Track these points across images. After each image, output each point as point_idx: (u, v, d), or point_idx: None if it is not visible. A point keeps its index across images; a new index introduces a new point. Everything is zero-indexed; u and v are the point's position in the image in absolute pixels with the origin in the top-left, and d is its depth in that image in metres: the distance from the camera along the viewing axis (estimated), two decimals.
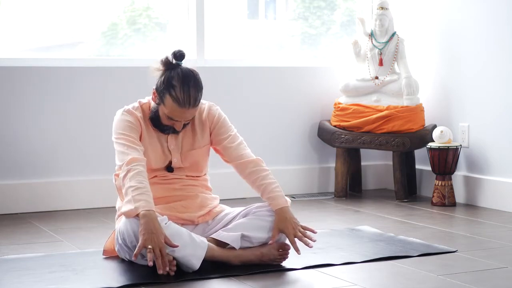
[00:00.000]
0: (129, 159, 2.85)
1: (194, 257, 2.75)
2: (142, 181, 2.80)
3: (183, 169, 3.04)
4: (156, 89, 2.93)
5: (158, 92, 2.91)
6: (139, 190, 2.77)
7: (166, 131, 2.98)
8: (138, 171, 2.82)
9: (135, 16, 4.56)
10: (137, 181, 2.79)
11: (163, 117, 2.93)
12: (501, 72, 4.20)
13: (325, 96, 4.82)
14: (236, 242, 2.84)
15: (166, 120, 2.93)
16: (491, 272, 2.81)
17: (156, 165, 2.99)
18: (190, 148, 3.03)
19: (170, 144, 3.01)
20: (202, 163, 3.08)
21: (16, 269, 2.84)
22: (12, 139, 4.11)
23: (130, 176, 2.80)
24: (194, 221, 2.97)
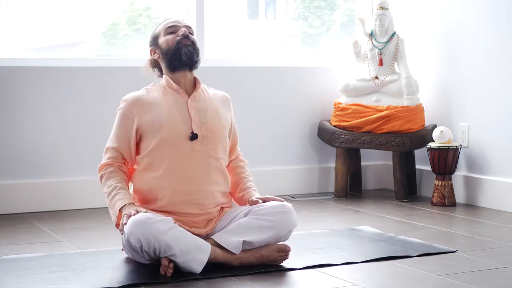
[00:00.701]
0: (99, 167, 3.00)
1: (196, 261, 2.74)
2: (111, 184, 2.92)
3: (206, 140, 2.95)
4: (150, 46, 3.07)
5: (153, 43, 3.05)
6: (110, 195, 2.91)
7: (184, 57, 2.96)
8: (106, 176, 2.95)
9: (135, 16, 4.56)
10: (107, 185, 2.94)
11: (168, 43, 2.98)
12: (501, 72, 4.20)
13: (325, 96, 4.82)
14: (237, 248, 2.83)
15: (172, 41, 2.98)
16: (491, 272, 2.81)
17: (178, 133, 2.92)
18: (214, 115, 3.00)
19: (190, 109, 2.96)
20: (224, 141, 3.02)
21: (16, 269, 2.84)
22: (12, 139, 4.11)
23: (103, 184, 2.97)
24: (201, 236, 2.93)
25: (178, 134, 2.93)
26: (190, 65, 2.99)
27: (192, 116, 2.95)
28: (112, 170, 2.96)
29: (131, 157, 2.99)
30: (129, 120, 2.96)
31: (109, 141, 3.02)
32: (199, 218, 2.94)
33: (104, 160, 3.00)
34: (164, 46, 3.00)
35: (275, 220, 2.90)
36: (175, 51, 2.97)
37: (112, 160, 2.98)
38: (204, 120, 2.97)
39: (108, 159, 2.99)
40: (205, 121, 2.97)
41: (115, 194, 2.89)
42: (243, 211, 2.97)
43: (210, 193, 2.97)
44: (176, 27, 3.02)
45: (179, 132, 2.93)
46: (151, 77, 3.21)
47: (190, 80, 3.03)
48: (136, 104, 2.97)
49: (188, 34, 3.00)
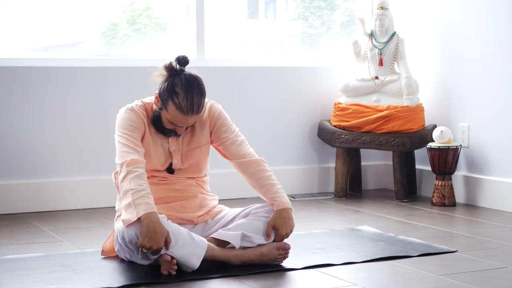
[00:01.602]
0: (129, 160, 2.83)
1: (194, 256, 2.75)
2: (142, 184, 2.79)
3: (183, 171, 3.03)
4: (159, 94, 2.91)
5: (161, 98, 2.90)
6: (139, 193, 2.76)
7: (168, 134, 2.98)
8: (138, 174, 2.81)
9: (135, 16, 4.56)
10: (137, 183, 2.78)
11: (166, 122, 2.93)
12: (501, 72, 4.20)
13: (325, 96, 4.82)
14: (236, 240, 2.83)
15: (168, 125, 2.93)
16: (491, 272, 2.81)
17: (157, 166, 2.99)
18: (191, 148, 3.03)
19: (171, 146, 3.00)
20: (202, 163, 3.08)
21: (16, 269, 2.84)
22: (12, 139, 4.11)
23: (130, 178, 2.79)
24: (193, 221, 2.97)
25: (158, 166, 2.99)
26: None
27: (172, 152, 3.00)
28: (143, 172, 2.84)
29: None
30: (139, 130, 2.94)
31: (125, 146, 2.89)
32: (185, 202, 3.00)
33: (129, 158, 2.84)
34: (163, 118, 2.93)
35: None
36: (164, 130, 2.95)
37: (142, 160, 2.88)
38: (184, 152, 3.02)
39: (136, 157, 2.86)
40: (184, 153, 3.02)
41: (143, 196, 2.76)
42: (241, 213, 2.98)
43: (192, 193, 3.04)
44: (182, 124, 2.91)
45: (160, 165, 2.99)
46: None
47: None
48: (142, 121, 2.96)
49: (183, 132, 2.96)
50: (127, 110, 2.97)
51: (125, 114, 2.96)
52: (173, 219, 2.89)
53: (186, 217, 2.96)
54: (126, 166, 2.82)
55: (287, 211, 2.93)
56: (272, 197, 2.95)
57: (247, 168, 3.02)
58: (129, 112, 2.95)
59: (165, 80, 2.91)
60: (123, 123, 2.94)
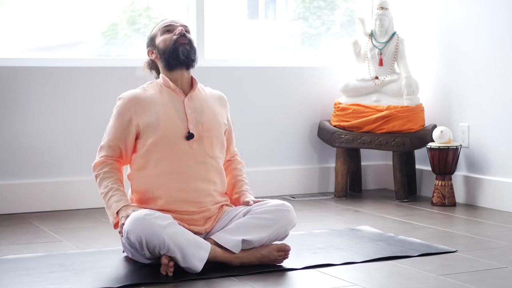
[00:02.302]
0: (93, 165, 2.99)
1: (197, 259, 2.74)
2: (107, 185, 2.91)
3: (202, 139, 2.96)
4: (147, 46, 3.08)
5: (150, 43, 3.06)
6: (106, 196, 2.91)
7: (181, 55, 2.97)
8: (101, 176, 2.94)
9: (135, 16, 4.56)
10: (103, 186, 2.93)
11: (166, 42, 2.99)
12: (501, 72, 4.20)
13: (325, 96, 4.82)
14: (236, 248, 2.83)
15: (169, 40, 2.99)
16: (491, 272, 2.81)
17: (174, 132, 2.92)
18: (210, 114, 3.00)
19: (187, 109, 2.97)
20: (221, 139, 3.03)
21: (16, 269, 2.84)
22: (12, 139, 4.11)
23: (98, 183, 2.96)
24: (200, 234, 2.94)
25: (174, 133, 2.93)
26: (187, 64, 2.99)
27: (188, 116, 2.96)
28: (107, 170, 2.94)
29: (127, 156, 2.99)
30: (126, 118, 2.96)
31: (104, 139, 3.01)
32: (197, 216, 2.95)
33: (98, 158, 2.99)
34: (162, 45, 3.00)
35: (273, 218, 2.90)
36: (172, 50, 2.98)
37: (105, 158, 2.97)
38: (200, 120, 2.97)
39: (102, 157, 2.98)
40: (201, 121, 2.98)
41: (111, 196, 2.89)
42: (242, 211, 2.98)
43: (207, 191, 2.97)
44: (173, 26, 3.03)
45: (176, 131, 2.94)
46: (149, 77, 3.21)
47: (187, 79, 3.03)
48: (132, 102, 2.97)
49: (185, 32, 3.01)
50: (118, 98, 3.04)
51: (117, 102, 3.03)
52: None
53: (195, 229, 2.91)
54: (93, 171, 2.99)
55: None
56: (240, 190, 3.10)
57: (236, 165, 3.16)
58: (118, 101, 3.02)
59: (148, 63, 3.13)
60: (114, 110, 3.03)
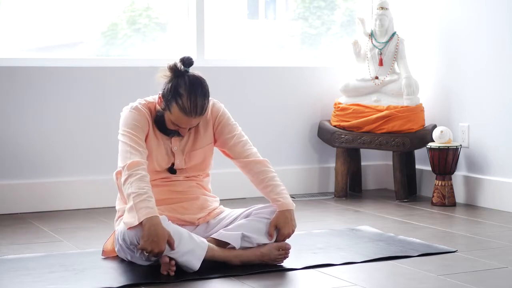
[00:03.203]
0: (130, 163, 2.81)
1: (194, 257, 2.75)
2: (144, 187, 2.76)
3: (185, 170, 3.02)
4: (163, 95, 2.89)
5: (165, 99, 2.88)
6: (140, 196, 2.74)
7: (170, 135, 2.97)
8: (139, 177, 2.78)
9: (135, 16, 4.56)
10: (138, 187, 2.76)
11: (169, 123, 2.91)
12: (501, 72, 4.20)
13: (325, 96, 4.82)
14: (236, 241, 2.83)
15: (171, 125, 2.92)
16: (491, 272, 2.81)
17: (159, 167, 2.98)
18: (194, 148, 3.01)
19: (173, 146, 2.99)
20: (205, 162, 3.06)
21: (16, 269, 2.84)
22: (12, 139, 4.11)
23: (131, 182, 2.77)
24: (194, 223, 2.97)
25: (160, 166, 2.98)
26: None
27: (174, 152, 2.99)
28: (145, 174, 2.81)
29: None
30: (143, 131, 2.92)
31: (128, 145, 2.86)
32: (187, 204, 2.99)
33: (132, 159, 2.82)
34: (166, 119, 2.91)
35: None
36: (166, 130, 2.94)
37: (141, 161, 2.84)
38: (186, 152, 3.00)
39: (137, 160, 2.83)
40: (187, 153, 3.01)
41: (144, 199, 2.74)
42: (243, 213, 2.98)
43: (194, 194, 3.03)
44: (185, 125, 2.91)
45: (162, 165, 2.98)
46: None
47: None
48: (146, 120, 2.94)
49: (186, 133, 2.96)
50: (131, 109, 2.94)
51: (129, 113, 2.94)
52: (174, 220, 2.89)
53: (187, 218, 2.96)
54: (127, 169, 2.80)
55: (290, 212, 2.93)
56: (275, 197, 2.95)
57: (252, 168, 3.02)
58: (133, 111, 2.93)
59: (169, 81, 2.89)
60: (127, 122, 2.92)
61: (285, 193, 2.97)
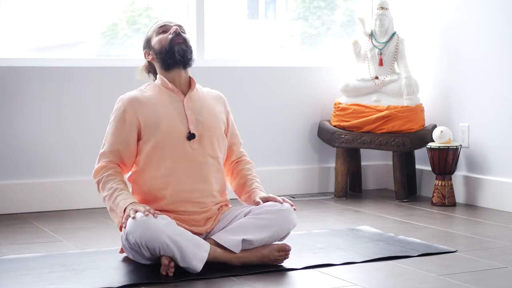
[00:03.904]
0: (94, 172, 2.96)
1: (196, 259, 2.74)
2: (111, 186, 2.88)
3: (203, 139, 2.96)
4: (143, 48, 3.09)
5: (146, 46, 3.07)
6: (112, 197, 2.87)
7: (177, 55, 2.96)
8: (104, 180, 2.91)
9: (135, 16, 4.56)
10: (108, 188, 2.89)
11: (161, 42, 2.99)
12: (501, 72, 4.20)
13: (325, 96, 4.82)
14: (237, 247, 2.83)
15: (164, 40, 2.98)
16: (491, 272, 2.81)
17: (175, 133, 2.93)
18: (210, 113, 3.01)
19: (187, 109, 2.97)
20: (221, 139, 3.04)
21: (16, 269, 2.84)
22: (12, 139, 4.11)
23: (101, 187, 2.92)
24: (201, 234, 2.94)
25: (175, 134, 2.94)
26: (184, 63, 2.99)
27: (188, 116, 2.96)
28: (109, 173, 2.91)
29: (131, 159, 2.97)
30: (127, 120, 2.95)
31: (104, 145, 2.98)
32: (198, 217, 2.95)
33: (99, 164, 2.97)
34: (157, 46, 3.00)
35: (274, 218, 2.90)
36: (168, 49, 2.98)
37: (106, 163, 2.95)
38: (200, 119, 2.98)
39: (103, 162, 2.96)
40: (201, 120, 2.98)
41: (116, 196, 2.86)
42: (243, 211, 2.97)
43: (209, 191, 2.98)
44: (167, 26, 3.04)
45: (177, 132, 2.94)
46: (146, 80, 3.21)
47: (185, 79, 3.04)
48: (132, 104, 2.97)
49: (179, 32, 3.01)
50: (117, 101, 3.03)
51: (115, 105, 3.02)
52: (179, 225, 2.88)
53: (195, 229, 2.92)
54: (94, 176, 2.96)
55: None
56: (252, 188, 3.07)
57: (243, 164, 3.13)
58: (117, 105, 3.01)
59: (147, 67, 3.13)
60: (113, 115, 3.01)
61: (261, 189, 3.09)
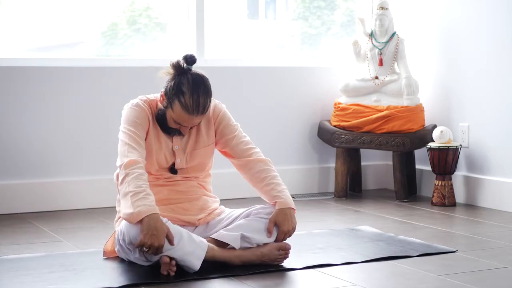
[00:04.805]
0: (127, 162, 2.80)
1: (194, 257, 2.75)
2: (141, 185, 2.75)
3: (186, 170, 3.02)
4: (165, 93, 2.89)
5: (167, 96, 2.88)
6: (138, 195, 2.73)
7: (171, 133, 2.96)
8: (136, 175, 2.78)
9: (135, 16, 4.56)
10: (136, 185, 2.75)
11: (170, 121, 2.90)
12: (501, 72, 4.20)
13: (325, 96, 4.82)
14: (236, 242, 2.83)
15: (173, 124, 2.91)
16: (491, 272, 2.81)
17: (160, 166, 2.98)
18: (195, 148, 3.01)
19: (174, 145, 2.99)
20: (206, 162, 3.07)
21: (16, 269, 2.84)
22: (12, 139, 4.11)
23: (129, 181, 2.77)
24: (194, 223, 2.97)
25: (161, 165, 2.98)
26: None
27: (175, 151, 2.98)
28: (142, 172, 2.80)
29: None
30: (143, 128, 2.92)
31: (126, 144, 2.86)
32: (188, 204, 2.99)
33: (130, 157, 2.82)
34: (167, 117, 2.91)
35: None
36: (168, 129, 2.94)
37: (138, 159, 2.84)
38: (187, 152, 3.00)
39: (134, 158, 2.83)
40: (188, 153, 3.00)
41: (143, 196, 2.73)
42: (243, 213, 2.97)
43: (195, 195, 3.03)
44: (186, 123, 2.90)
45: (163, 164, 2.98)
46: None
47: None
48: (147, 117, 2.94)
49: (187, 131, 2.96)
50: (132, 106, 2.94)
51: (130, 110, 2.94)
52: (174, 221, 2.88)
53: (187, 219, 2.95)
54: (124, 168, 2.80)
55: (290, 210, 2.93)
56: (276, 195, 2.94)
57: (253, 166, 3.02)
58: (134, 108, 2.93)
59: (172, 78, 2.88)
60: (127, 119, 2.92)
61: (286, 192, 2.97)
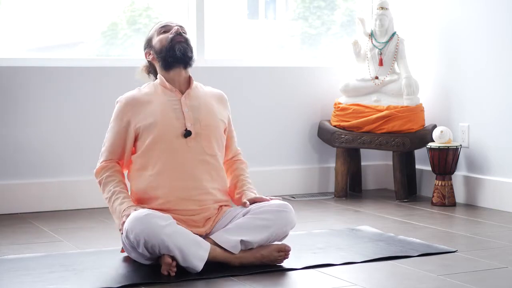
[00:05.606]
0: (96, 171, 3.01)
1: (197, 258, 2.75)
2: (110, 189, 2.94)
3: (200, 137, 2.96)
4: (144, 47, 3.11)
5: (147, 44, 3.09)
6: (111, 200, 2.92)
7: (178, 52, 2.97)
8: (106, 181, 2.96)
9: (135, 16, 4.56)
10: (107, 191, 2.95)
11: (162, 41, 3.01)
12: (501, 72, 4.20)
13: (325, 96, 4.82)
14: (235, 248, 2.83)
15: (165, 39, 3.00)
16: (491, 272, 2.81)
17: (171, 131, 2.93)
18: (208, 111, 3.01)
19: (184, 107, 2.97)
20: (219, 137, 3.04)
21: (16, 269, 2.84)
22: (12, 139, 4.11)
23: (102, 189, 2.98)
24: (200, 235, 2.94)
25: (171, 132, 2.94)
26: (184, 61, 3.00)
27: (185, 114, 2.97)
28: (108, 174, 2.97)
29: (127, 159, 3.02)
30: (124, 121, 2.99)
31: (104, 144, 3.05)
32: (197, 217, 2.94)
33: (98, 164, 3.02)
34: (158, 45, 3.03)
35: (272, 219, 2.90)
36: (169, 48, 3.00)
37: (105, 162, 3.01)
38: (198, 117, 2.98)
39: (102, 162, 3.01)
40: (199, 118, 2.98)
41: (114, 200, 2.91)
42: (241, 211, 2.97)
43: (207, 189, 2.98)
44: (169, 26, 3.06)
45: (173, 130, 2.95)
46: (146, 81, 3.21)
47: (185, 78, 3.04)
48: (130, 104, 3.00)
49: (181, 32, 3.02)
50: (116, 101, 3.06)
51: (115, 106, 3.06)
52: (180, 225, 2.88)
53: (194, 230, 2.91)
54: (96, 176, 3.01)
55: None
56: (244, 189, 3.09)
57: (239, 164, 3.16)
58: (116, 105, 3.05)
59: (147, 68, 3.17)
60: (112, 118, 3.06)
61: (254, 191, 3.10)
